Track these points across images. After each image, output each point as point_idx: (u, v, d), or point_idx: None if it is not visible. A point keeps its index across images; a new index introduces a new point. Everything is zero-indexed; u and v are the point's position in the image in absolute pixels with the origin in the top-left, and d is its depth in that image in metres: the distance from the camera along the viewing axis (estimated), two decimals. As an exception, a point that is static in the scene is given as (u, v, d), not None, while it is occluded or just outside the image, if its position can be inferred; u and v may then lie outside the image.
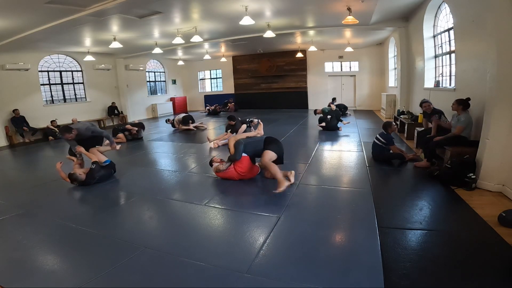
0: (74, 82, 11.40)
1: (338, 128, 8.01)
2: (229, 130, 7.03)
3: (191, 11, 6.51)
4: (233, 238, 2.66)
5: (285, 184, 3.51)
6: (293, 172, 3.97)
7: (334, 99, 11.67)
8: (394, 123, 5.14)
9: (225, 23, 7.66)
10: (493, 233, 2.49)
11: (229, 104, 14.80)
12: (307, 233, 2.64)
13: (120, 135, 7.69)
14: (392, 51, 11.22)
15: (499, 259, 2.16)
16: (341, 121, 8.40)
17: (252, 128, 7.17)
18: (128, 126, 8.13)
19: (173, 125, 9.53)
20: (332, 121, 8.00)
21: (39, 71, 10.09)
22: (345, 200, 3.53)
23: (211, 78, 17.27)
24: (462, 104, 4.14)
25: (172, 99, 15.91)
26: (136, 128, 8.12)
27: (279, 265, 2.19)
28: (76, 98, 11.49)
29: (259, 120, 6.76)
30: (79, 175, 4.11)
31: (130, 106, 13.23)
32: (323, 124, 8.08)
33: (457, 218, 2.89)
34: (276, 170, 3.67)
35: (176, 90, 16.71)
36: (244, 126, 6.96)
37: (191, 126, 9.17)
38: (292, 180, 3.85)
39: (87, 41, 8.99)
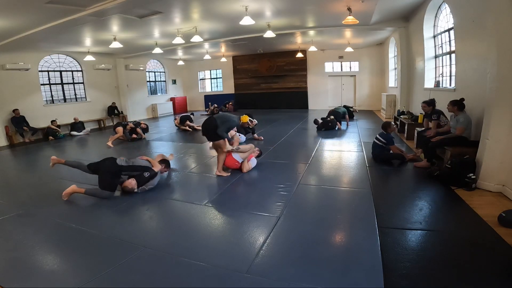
0: (74, 82, 11.38)
1: (339, 124, 8.13)
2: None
3: (191, 11, 6.50)
4: (233, 238, 2.66)
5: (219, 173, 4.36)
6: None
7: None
8: (394, 123, 5.14)
9: (225, 23, 7.66)
10: (493, 233, 2.49)
11: (227, 105, 14.83)
12: (307, 233, 2.64)
13: (119, 128, 7.89)
14: (392, 51, 11.21)
15: (499, 259, 2.16)
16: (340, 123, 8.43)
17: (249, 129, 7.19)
18: (130, 125, 8.26)
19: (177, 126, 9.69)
20: (333, 122, 8.06)
21: (39, 71, 10.08)
22: (345, 200, 3.53)
23: (211, 78, 17.26)
24: (457, 105, 4.15)
25: (172, 99, 15.91)
26: (133, 125, 8.21)
27: (279, 265, 2.19)
28: (76, 98, 11.48)
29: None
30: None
31: (130, 106, 13.21)
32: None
33: (457, 218, 2.89)
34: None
35: (176, 90, 16.70)
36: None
37: (187, 126, 9.28)
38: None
39: (87, 41, 8.98)
